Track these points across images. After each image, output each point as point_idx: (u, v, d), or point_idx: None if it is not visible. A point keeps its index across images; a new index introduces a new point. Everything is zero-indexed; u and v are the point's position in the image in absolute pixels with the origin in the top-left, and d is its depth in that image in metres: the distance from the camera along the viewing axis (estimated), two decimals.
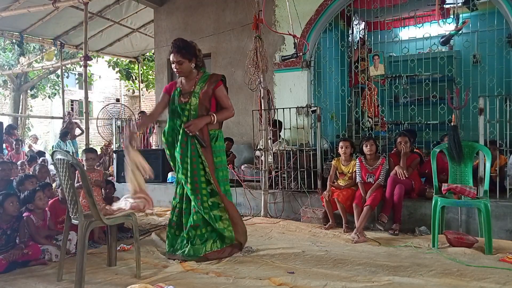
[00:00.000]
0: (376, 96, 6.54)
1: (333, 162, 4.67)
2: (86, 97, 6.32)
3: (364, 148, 4.44)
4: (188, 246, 3.34)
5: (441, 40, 5.13)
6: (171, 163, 3.57)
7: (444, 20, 5.52)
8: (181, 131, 3.37)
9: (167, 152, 3.53)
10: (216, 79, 3.42)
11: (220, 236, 3.38)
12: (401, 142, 4.44)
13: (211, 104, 3.40)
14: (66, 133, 8.54)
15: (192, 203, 3.39)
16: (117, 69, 12.93)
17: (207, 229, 3.37)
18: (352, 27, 6.68)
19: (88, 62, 6.28)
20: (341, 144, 4.59)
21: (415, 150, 4.97)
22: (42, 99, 15.38)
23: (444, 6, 6.00)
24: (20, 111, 13.43)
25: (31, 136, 11.84)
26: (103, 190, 4.36)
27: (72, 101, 19.97)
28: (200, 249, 3.31)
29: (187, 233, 3.38)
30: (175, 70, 3.39)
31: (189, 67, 3.37)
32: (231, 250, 3.42)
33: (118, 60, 12.56)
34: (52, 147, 10.08)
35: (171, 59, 3.36)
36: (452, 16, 5.20)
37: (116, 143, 7.42)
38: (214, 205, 3.37)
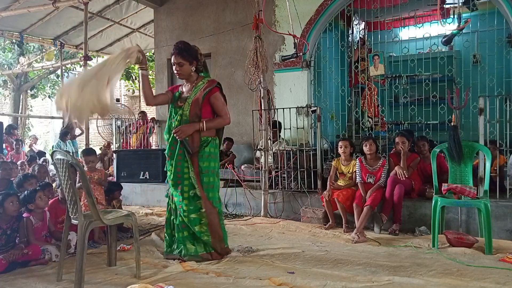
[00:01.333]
0: (376, 96, 6.54)
1: (333, 163, 4.67)
2: None
3: (364, 148, 4.44)
4: (182, 246, 3.36)
5: (443, 40, 5.13)
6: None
7: (444, 20, 5.51)
8: (171, 134, 3.39)
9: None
10: (209, 86, 3.39)
11: (203, 240, 3.35)
12: (399, 142, 4.44)
13: (204, 111, 3.37)
14: (66, 133, 8.53)
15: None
16: None
17: (190, 231, 3.36)
18: (352, 27, 6.67)
19: (88, 62, 6.29)
20: (340, 143, 4.60)
21: (415, 150, 4.96)
22: (42, 99, 15.35)
23: (444, 6, 5.99)
24: (20, 111, 13.42)
25: (30, 136, 11.82)
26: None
27: None
28: (192, 249, 3.33)
29: (177, 234, 3.40)
30: (175, 71, 3.43)
31: (189, 69, 3.40)
32: (215, 256, 3.36)
33: None
34: (52, 147, 10.07)
35: (172, 60, 3.40)
36: (452, 16, 5.20)
37: (116, 143, 7.41)
38: (194, 209, 3.32)
